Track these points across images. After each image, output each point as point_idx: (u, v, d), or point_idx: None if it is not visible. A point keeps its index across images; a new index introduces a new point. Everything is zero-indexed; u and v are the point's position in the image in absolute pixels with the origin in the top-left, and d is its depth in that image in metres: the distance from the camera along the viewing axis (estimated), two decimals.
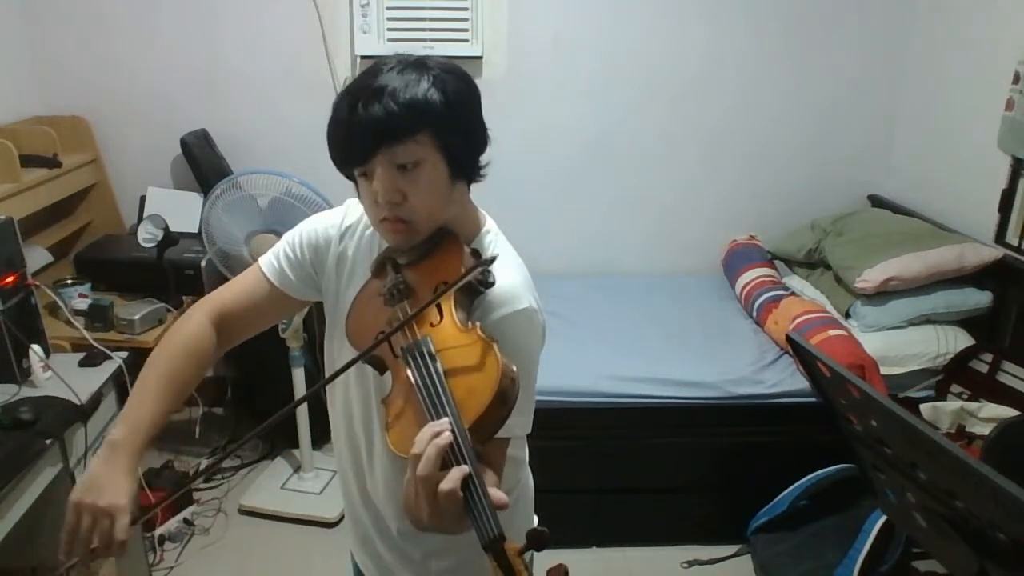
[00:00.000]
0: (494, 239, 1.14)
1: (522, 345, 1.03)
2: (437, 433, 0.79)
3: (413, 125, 0.98)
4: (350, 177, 1.06)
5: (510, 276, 1.05)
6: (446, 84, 1.00)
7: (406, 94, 0.97)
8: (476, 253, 1.05)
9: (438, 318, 0.95)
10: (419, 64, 1.01)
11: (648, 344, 2.66)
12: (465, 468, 0.77)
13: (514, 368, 0.87)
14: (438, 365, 0.88)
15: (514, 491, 1.26)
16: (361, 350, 0.99)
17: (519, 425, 1.06)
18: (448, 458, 0.79)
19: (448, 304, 0.96)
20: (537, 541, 0.75)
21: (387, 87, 0.97)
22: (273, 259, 1.20)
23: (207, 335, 1.14)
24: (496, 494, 0.78)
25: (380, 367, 1.03)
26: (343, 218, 1.19)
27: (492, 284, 1.00)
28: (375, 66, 1.02)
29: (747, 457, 2.51)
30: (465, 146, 1.05)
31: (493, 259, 0.98)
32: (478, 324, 0.94)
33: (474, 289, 0.99)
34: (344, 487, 1.31)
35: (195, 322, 1.15)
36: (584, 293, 3.04)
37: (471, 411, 0.84)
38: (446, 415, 0.82)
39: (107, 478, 0.99)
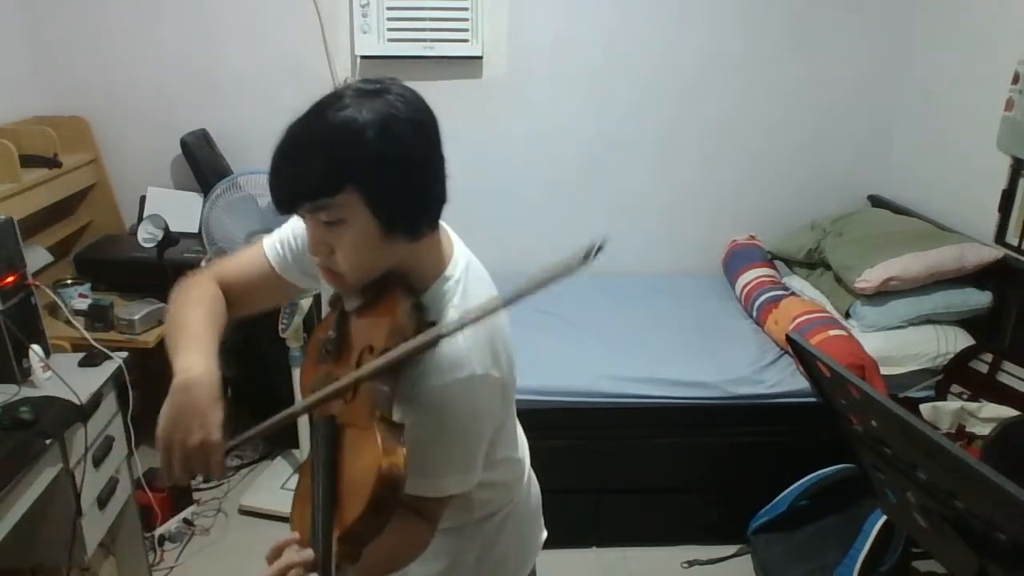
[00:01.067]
0: (454, 287, 1.02)
1: (460, 413, 0.98)
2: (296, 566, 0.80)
3: (335, 184, 0.89)
4: None
5: (459, 337, 0.95)
6: (390, 133, 0.89)
7: (335, 145, 0.89)
8: (419, 308, 0.97)
9: (351, 395, 0.91)
10: (372, 99, 0.90)
11: (648, 344, 2.65)
12: None
13: (400, 473, 0.84)
14: (329, 458, 0.87)
15: (501, 512, 1.25)
16: (304, 391, 1.00)
17: (456, 483, 1.03)
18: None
19: (368, 380, 0.90)
20: None
21: (320, 134, 0.90)
22: (277, 244, 1.17)
23: (222, 296, 1.13)
24: None
25: None
26: None
27: (434, 346, 0.92)
28: (325, 100, 0.93)
29: (747, 457, 2.51)
30: (400, 203, 0.93)
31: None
32: (378, 415, 0.88)
33: (397, 367, 0.92)
34: None
35: (209, 284, 1.13)
36: (584, 293, 3.03)
37: (346, 517, 0.83)
38: (318, 523, 0.83)
39: (193, 411, 0.91)
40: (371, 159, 0.89)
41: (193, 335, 1.00)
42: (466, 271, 1.05)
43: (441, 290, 1.02)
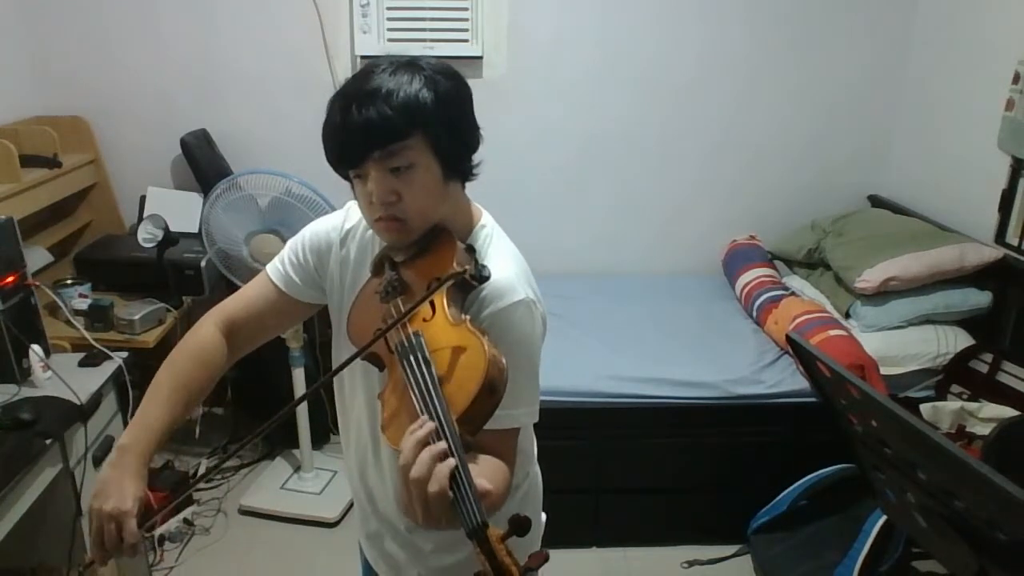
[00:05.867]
0: (490, 233, 1.14)
1: (520, 337, 1.04)
2: (424, 440, 0.81)
3: (405, 128, 0.99)
4: (346, 177, 1.07)
5: (505, 269, 1.06)
6: (438, 85, 1.02)
7: (398, 96, 0.98)
8: (471, 249, 1.07)
9: (431, 313, 0.97)
10: (411, 65, 1.02)
11: (648, 344, 2.66)
12: (452, 462, 0.79)
13: (503, 360, 0.89)
14: (428, 359, 0.90)
15: (523, 484, 1.26)
16: (364, 335, 1.01)
17: (525, 415, 1.07)
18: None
19: (440, 300, 0.97)
20: (519, 527, 0.77)
21: (380, 89, 0.99)
22: (279, 264, 1.22)
23: (218, 344, 1.16)
24: (480, 483, 0.80)
25: (379, 364, 1.04)
26: (344, 222, 1.20)
27: (487, 278, 1.00)
28: (368, 67, 1.03)
29: (747, 457, 2.51)
30: (457, 146, 1.06)
31: (475, 252, 0.99)
32: (467, 318, 0.95)
33: (467, 284, 1.00)
34: (352, 486, 1.31)
35: (206, 332, 1.17)
36: (584, 293, 3.04)
37: (459, 403, 0.86)
38: (435, 409, 0.84)
39: (114, 483, 1.01)
40: (433, 106, 1.00)
41: (145, 410, 1.08)
42: (494, 223, 1.17)
43: (479, 237, 1.13)
